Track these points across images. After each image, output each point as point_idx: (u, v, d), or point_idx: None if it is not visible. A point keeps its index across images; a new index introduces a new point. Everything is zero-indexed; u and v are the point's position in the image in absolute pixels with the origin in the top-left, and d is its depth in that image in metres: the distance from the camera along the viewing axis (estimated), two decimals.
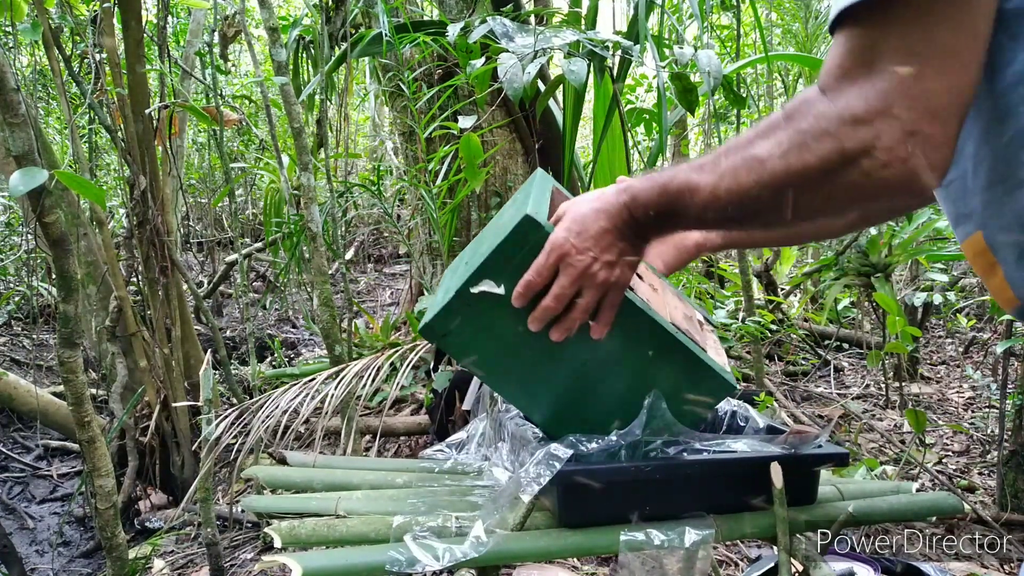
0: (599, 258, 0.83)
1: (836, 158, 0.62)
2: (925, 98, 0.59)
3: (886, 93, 0.60)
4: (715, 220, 0.74)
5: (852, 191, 0.63)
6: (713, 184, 0.70)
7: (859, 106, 0.61)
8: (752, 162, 0.67)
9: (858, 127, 0.61)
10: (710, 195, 0.71)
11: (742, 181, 0.68)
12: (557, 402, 1.00)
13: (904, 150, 0.60)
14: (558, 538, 0.94)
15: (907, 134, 0.60)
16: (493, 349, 0.98)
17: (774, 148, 0.66)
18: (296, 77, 3.84)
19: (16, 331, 5.26)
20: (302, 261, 4.00)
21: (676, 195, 0.75)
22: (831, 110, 0.62)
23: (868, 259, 3.35)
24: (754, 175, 0.67)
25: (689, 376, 0.98)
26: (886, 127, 0.60)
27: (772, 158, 0.66)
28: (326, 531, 0.92)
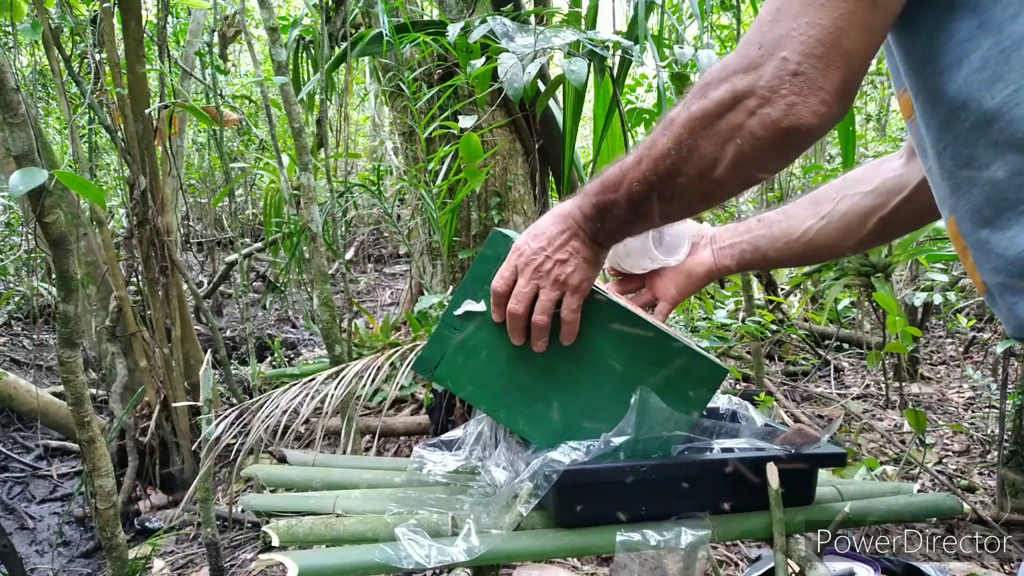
0: (551, 256, 0.87)
1: (728, 99, 0.66)
2: (814, 44, 0.62)
3: (779, 38, 0.63)
4: (644, 196, 0.76)
5: (746, 137, 0.66)
6: (637, 156, 0.75)
7: (752, 53, 0.65)
8: (665, 123, 0.73)
9: (748, 71, 0.65)
10: (634, 167, 0.75)
11: (658, 143, 0.72)
12: (557, 420, 1.00)
13: (786, 88, 0.63)
14: (554, 538, 0.94)
15: (791, 74, 0.63)
16: (487, 375, 0.98)
17: (681, 107, 0.71)
18: (296, 77, 3.84)
19: (16, 331, 5.26)
20: (302, 261, 4.00)
21: (611, 179, 0.79)
22: (729, 61, 0.67)
23: (868, 259, 3.34)
24: (666, 134, 0.72)
25: (681, 368, 0.98)
26: (771, 66, 0.63)
27: (679, 114, 0.71)
28: (324, 530, 0.92)
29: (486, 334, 0.97)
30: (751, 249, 1.05)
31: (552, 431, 0.99)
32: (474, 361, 0.98)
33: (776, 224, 1.04)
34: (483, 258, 0.96)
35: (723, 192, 0.76)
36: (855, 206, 0.98)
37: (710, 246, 1.09)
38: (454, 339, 0.97)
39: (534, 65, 2.33)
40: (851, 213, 0.98)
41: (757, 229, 1.05)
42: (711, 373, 0.99)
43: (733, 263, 1.07)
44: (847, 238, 0.99)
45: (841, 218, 0.98)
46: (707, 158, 0.69)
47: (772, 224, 1.04)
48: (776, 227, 1.04)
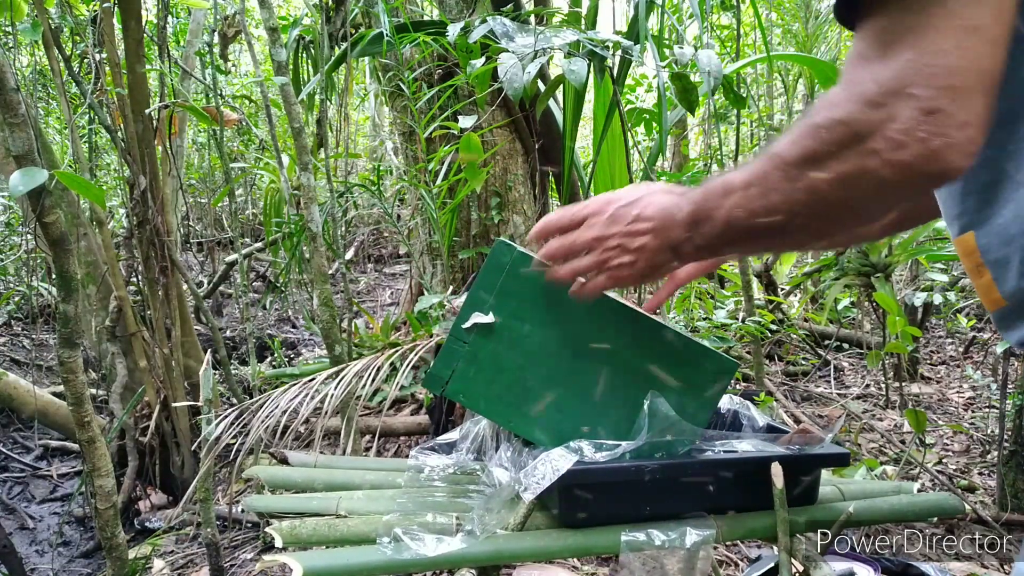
0: (621, 243, 0.80)
1: (850, 141, 0.59)
2: (946, 75, 0.55)
3: (902, 72, 0.57)
4: (744, 220, 0.69)
5: (872, 182, 0.60)
6: (745, 179, 0.68)
7: (872, 88, 0.58)
8: (772, 156, 0.66)
9: (871, 109, 0.58)
10: (741, 188, 0.68)
11: (766, 173, 0.66)
12: (573, 426, 1.00)
13: (923, 129, 0.56)
14: (558, 538, 0.94)
15: (925, 112, 0.56)
16: (500, 386, 0.98)
17: (790, 141, 0.64)
18: (296, 77, 3.84)
19: (16, 331, 5.26)
20: (302, 261, 4.00)
21: (713, 193, 0.72)
22: (843, 96, 0.60)
23: (868, 259, 3.34)
24: (774, 167, 0.65)
25: (693, 365, 0.99)
26: (901, 106, 0.56)
27: (789, 148, 0.64)
28: (327, 531, 0.92)
29: (496, 345, 0.97)
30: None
31: (569, 438, 0.98)
32: (486, 373, 0.98)
33: None
34: (488, 269, 0.96)
35: (835, 234, 0.72)
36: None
37: None
38: (463, 352, 0.97)
39: (534, 65, 2.33)
40: (916, 208, 0.95)
41: None
42: (723, 368, 0.99)
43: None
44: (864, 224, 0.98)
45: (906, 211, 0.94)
46: (820, 202, 0.63)
47: None
48: None
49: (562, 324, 0.97)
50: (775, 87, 7.45)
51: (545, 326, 0.97)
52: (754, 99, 6.53)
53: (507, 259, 0.94)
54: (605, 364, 0.98)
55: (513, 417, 1.00)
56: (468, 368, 0.98)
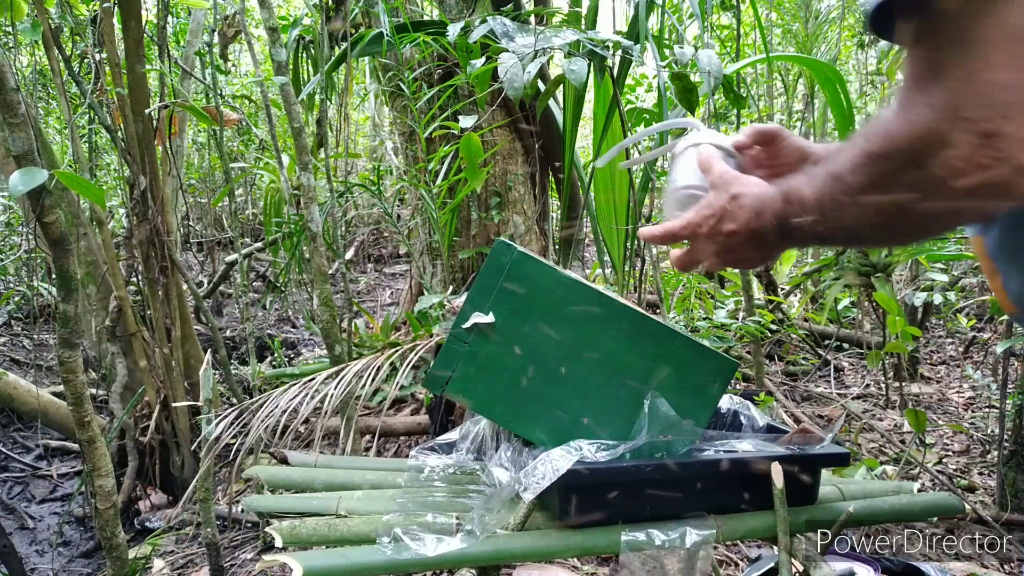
0: (719, 232, 0.79)
1: (910, 168, 0.58)
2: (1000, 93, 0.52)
3: (953, 94, 0.54)
4: (827, 233, 0.69)
5: (939, 205, 0.58)
6: (815, 199, 0.68)
7: (926, 115, 0.56)
8: (837, 180, 0.65)
9: (928, 138, 0.56)
10: (813, 209, 0.68)
11: (834, 198, 0.65)
12: (573, 426, 1.00)
13: (983, 155, 0.53)
14: (558, 538, 0.94)
15: (982, 136, 0.53)
16: (500, 386, 0.98)
17: (851, 167, 0.63)
18: (296, 77, 3.84)
19: (16, 331, 5.26)
20: (302, 261, 4.00)
21: (789, 204, 0.72)
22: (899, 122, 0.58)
23: (868, 259, 3.34)
24: (841, 193, 0.64)
25: (693, 364, 0.99)
26: (957, 132, 0.54)
27: (851, 176, 0.63)
28: (327, 530, 0.92)
29: (496, 345, 0.97)
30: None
31: (569, 438, 0.98)
32: (486, 373, 0.98)
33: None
34: (488, 269, 0.96)
35: (918, 240, 0.72)
36: None
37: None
38: (464, 352, 0.97)
39: (534, 65, 2.33)
40: None
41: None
42: (723, 368, 0.99)
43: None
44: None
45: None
46: (895, 220, 0.62)
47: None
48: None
49: (562, 324, 0.97)
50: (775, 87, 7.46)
51: (545, 326, 0.97)
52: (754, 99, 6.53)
53: (507, 259, 0.95)
54: (605, 364, 0.98)
55: (513, 417, 1.00)
56: (468, 368, 0.98)
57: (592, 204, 3.46)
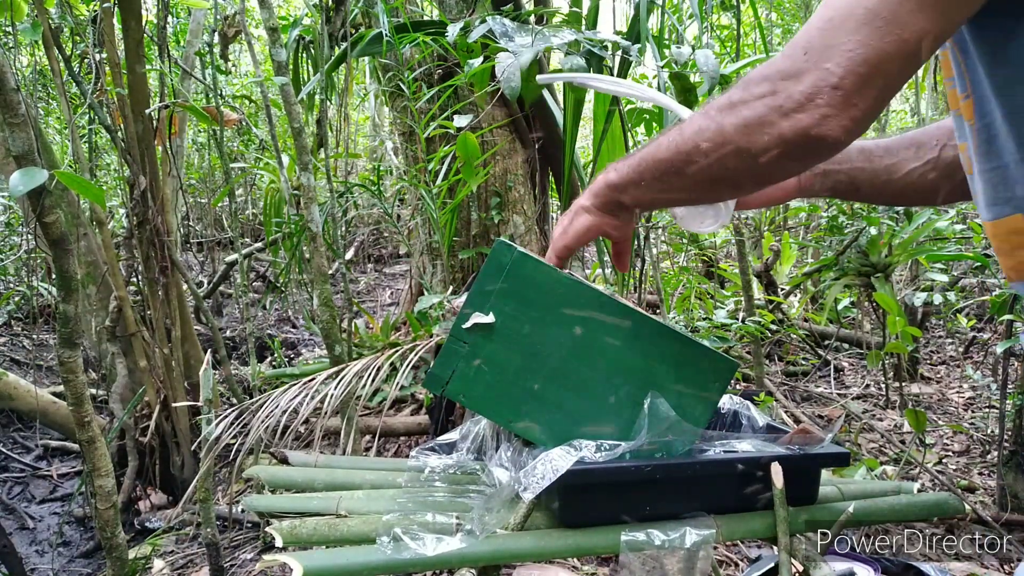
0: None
1: (767, 95, 0.68)
2: (862, 62, 0.63)
3: (826, 48, 0.65)
4: (664, 172, 0.79)
5: (773, 136, 0.68)
6: (661, 142, 0.78)
7: (798, 57, 0.66)
8: (704, 108, 0.75)
9: (791, 75, 0.66)
10: (664, 145, 0.78)
11: (693, 121, 0.75)
12: (574, 426, 1.00)
13: (823, 99, 0.64)
14: (558, 538, 0.94)
15: (831, 87, 0.64)
16: (500, 387, 0.98)
17: (723, 96, 0.73)
18: (296, 77, 3.84)
19: (16, 331, 5.26)
20: (302, 261, 4.00)
21: (638, 159, 0.82)
22: (775, 61, 0.69)
23: (868, 259, 3.34)
24: (701, 117, 0.74)
25: (693, 364, 0.99)
26: (814, 75, 0.65)
27: (717, 101, 0.73)
28: (327, 530, 0.92)
29: (496, 345, 0.97)
30: (847, 180, 1.01)
31: (569, 438, 0.98)
32: (486, 374, 0.98)
33: (878, 160, 0.99)
34: (488, 269, 0.96)
35: (733, 185, 0.78)
36: (958, 159, 0.94)
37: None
38: (464, 352, 0.97)
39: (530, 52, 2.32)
40: (955, 164, 0.95)
41: (857, 160, 1.00)
42: (723, 368, 0.99)
43: (823, 190, 1.03)
44: (943, 187, 0.97)
45: (946, 167, 0.96)
46: (732, 145, 0.71)
47: (873, 158, 1.00)
48: (878, 162, 0.99)
49: (562, 324, 0.97)
50: None
51: (545, 326, 0.97)
52: None
53: (507, 259, 0.95)
54: (605, 364, 0.98)
55: (514, 418, 1.00)
56: (468, 368, 0.98)
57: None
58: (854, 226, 3.43)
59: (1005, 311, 2.40)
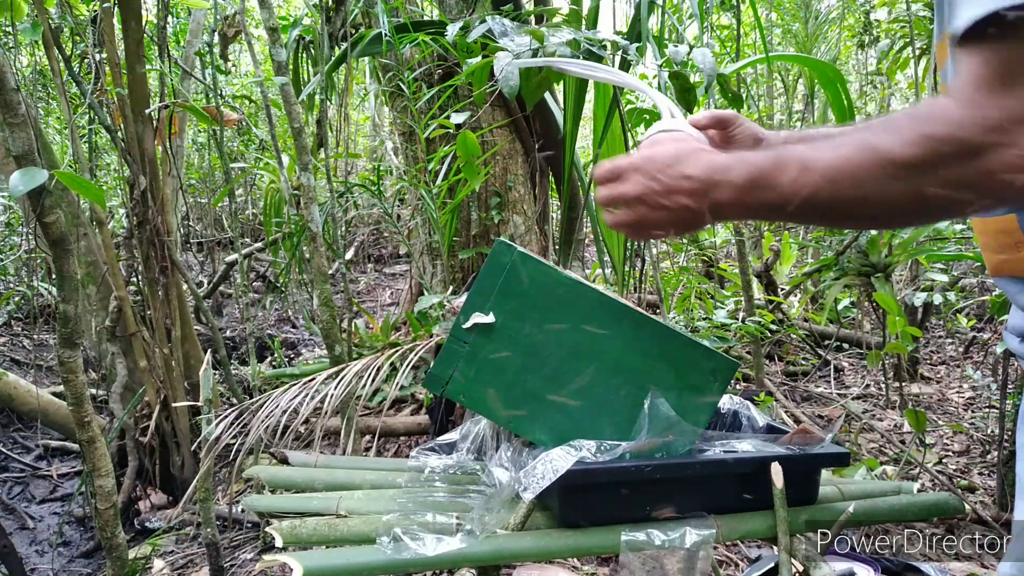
0: (660, 201, 0.77)
1: (966, 158, 0.63)
2: None
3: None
4: (822, 201, 0.70)
5: (977, 193, 0.64)
6: (828, 164, 0.69)
7: (996, 115, 0.62)
8: (875, 153, 0.67)
9: (995, 133, 0.62)
10: (822, 173, 0.69)
11: (865, 168, 0.67)
12: (574, 426, 1.00)
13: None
14: (558, 538, 0.94)
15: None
16: (500, 387, 0.98)
17: (900, 142, 0.66)
18: (296, 77, 3.84)
19: (16, 331, 5.26)
20: (302, 261, 4.00)
21: (783, 164, 0.72)
22: (965, 116, 0.64)
23: (868, 259, 3.34)
24: (878, 164, 0.66)
25: (693, 364, 0.99)
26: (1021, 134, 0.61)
27: (900, 151, 0.65)
28: (327, 530, 0.92)
29: (496, 345, 0.97)
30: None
31: (569, 438, 0.98)
32: (486, 374, 0.98)
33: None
34: (488, 269, 0.96)
35: (912, 225, 0.76)
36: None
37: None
38: (464, 352, 0.97)
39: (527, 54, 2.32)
40: None
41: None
42: (723, 368, 0.99)
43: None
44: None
45: None
46: (920, 204, 0.67)
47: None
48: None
49: (562, 324, 0.97)
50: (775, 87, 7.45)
51: (545, 326, 0.97)
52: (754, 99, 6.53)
53: (507, 259, 0.95)
54: (605, 364, 0.98)
55: (515, 419, 1.00)
56: (468, 368, 0.98)
57: (592, 204, 3.45)
58: None
59: (1005, 311, 2.40)
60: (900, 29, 5.37)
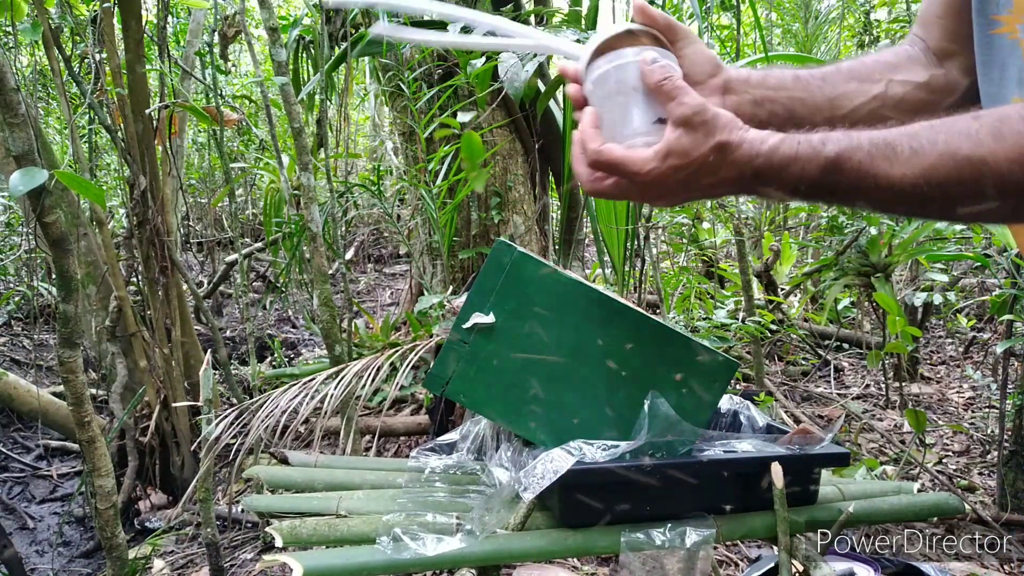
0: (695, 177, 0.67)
1: None
2: None
3: None
4: (888, 200, 0.64)
5: None
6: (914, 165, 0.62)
7: None
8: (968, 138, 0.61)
9: None
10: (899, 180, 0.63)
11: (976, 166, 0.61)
12: (576, 427, 1.00)
13: None
14: (558, 538, 0.94)
15: None
16: (500, 387, 0.98)
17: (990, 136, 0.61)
18: (296, 77, 3.84)
19: (16, 331, 5.26)
20: (302, 261, 4.00)
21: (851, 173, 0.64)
22: None
23: (868, 259, 3.34)
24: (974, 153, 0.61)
25: (693, 365, 0.99)
26: None
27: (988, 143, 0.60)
28: (327, 530, 0.92)
29: (496, 345, 0.97)
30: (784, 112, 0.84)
31: (569, 438, 0.98)
32: (485, 374, 0.98)
33: (819, 90, 0.86)
34: (488, 269, 0.96)
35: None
36: (908, 96, 0.87)
37: (730, 94, 0.83)
38: (464, 352, 0.97)
39: (532, 64, 2.33)
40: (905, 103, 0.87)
41: (794, 89, 0.86)
42: (722, 367, 0.99)
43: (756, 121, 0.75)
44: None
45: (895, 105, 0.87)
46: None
47: (812, 88, 0.86)
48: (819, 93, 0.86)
49: (562, 324, 0.97)
50: None
51: (545, 326, 0.97)
52: None
53: (507, 259, 0.95)
54: (605, 364, 0.98)
55: (516, 419, 1.00)
56: (468, 368, 0.98)
57: (592, 204, 3.46)
58: (854, 226, 3.43)
59: (1005, 311, 2.40)
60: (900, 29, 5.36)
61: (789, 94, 0.85)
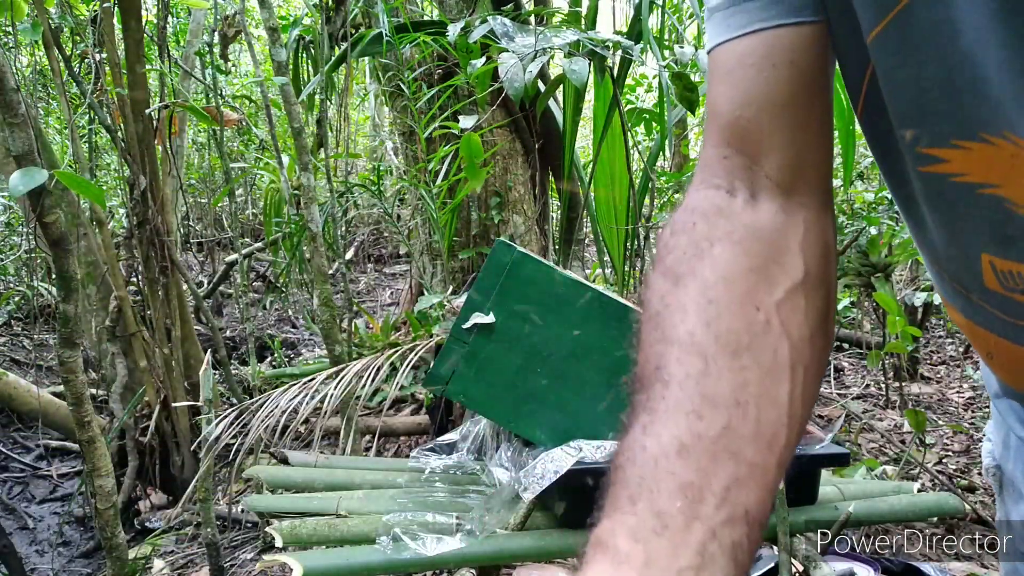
0: None
1: None
2: None
3: None
4: None
5: None
6: None
7: None
8: None
9: None
10: None
11: None
12: (575, 427, 1.00)
13: None
14: (558, 538, 0.94)
15: None
16: (499, 387, 0.98)
17: None
18: (296, 77, 3.84)
19: (16, 331, 5.26)
20: (302, 261, 4.00)
21: None
22: None
23: (868, 259, 3.34)
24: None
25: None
26: None
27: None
28: (327, 530, 0.92)
29: (496, 345, 0.97)
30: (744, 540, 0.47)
31: (569, 438, 0.98)
32: (485, 374, 0.98)
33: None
34: (488, 269, 0.96)
35: None
36: (768, 411, 0.48)
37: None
38: (464, 352, 0.97)
39: (535, 65, 2.33)
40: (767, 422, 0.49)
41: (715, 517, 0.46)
42: None
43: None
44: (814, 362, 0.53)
45: (806, 346, 0.52)
46: None
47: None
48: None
49: (562, 324, 0.97)
50: None
51: (545, 326, 0.97)
52: None
53: (507, 259, 0.95)
54: (605, 364, 0.98)
55: (513, 417, 1.00)
56: (468, 368, 0.98)
57: (592, 204, 3.46)
58: (854, 226, 3.43)
59: None
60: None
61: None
